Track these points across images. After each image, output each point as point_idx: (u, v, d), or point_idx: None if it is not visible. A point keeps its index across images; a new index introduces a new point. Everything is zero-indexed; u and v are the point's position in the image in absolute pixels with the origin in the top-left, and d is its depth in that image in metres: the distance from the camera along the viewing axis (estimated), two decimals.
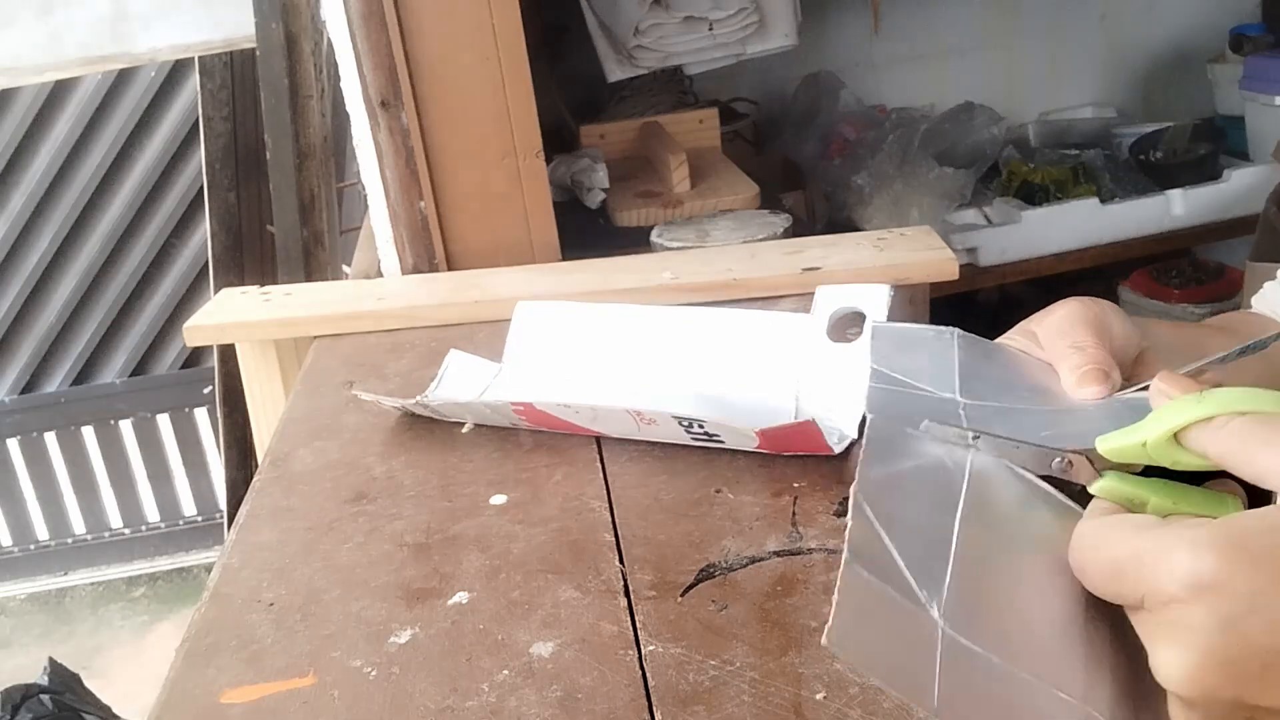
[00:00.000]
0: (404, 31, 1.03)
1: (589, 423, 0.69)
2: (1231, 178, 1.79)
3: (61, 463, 2.88)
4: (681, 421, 0.65)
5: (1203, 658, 0.34)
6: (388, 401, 0.76)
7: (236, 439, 1.76)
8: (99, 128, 2.66)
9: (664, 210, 1.32)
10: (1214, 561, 0.34)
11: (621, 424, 0.68)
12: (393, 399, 0.76)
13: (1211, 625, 0.33)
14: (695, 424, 0.65)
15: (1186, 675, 0.34)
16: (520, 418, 0.71)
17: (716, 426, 0.64)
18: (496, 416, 0.72)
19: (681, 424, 0.65)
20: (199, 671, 0.52)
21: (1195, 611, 0.34)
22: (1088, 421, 0.46)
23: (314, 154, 1.59)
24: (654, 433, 0.68)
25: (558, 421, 0.70)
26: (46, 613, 2.87)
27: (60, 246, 2.72)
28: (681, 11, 1.60)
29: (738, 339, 0.76)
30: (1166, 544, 0.35)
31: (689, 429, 0.66)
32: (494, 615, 0.54)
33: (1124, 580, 0.37)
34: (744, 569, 0.55)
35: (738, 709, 0.45)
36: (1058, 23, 2.14)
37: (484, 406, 0.72)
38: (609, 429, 0.70)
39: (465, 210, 1.09)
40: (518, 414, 0.71)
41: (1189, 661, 0.34)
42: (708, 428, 0.65)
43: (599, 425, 0.69)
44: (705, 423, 0.64)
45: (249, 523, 0.65)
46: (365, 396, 0.77)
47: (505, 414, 0.71)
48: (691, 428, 0.65)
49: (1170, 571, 0.35)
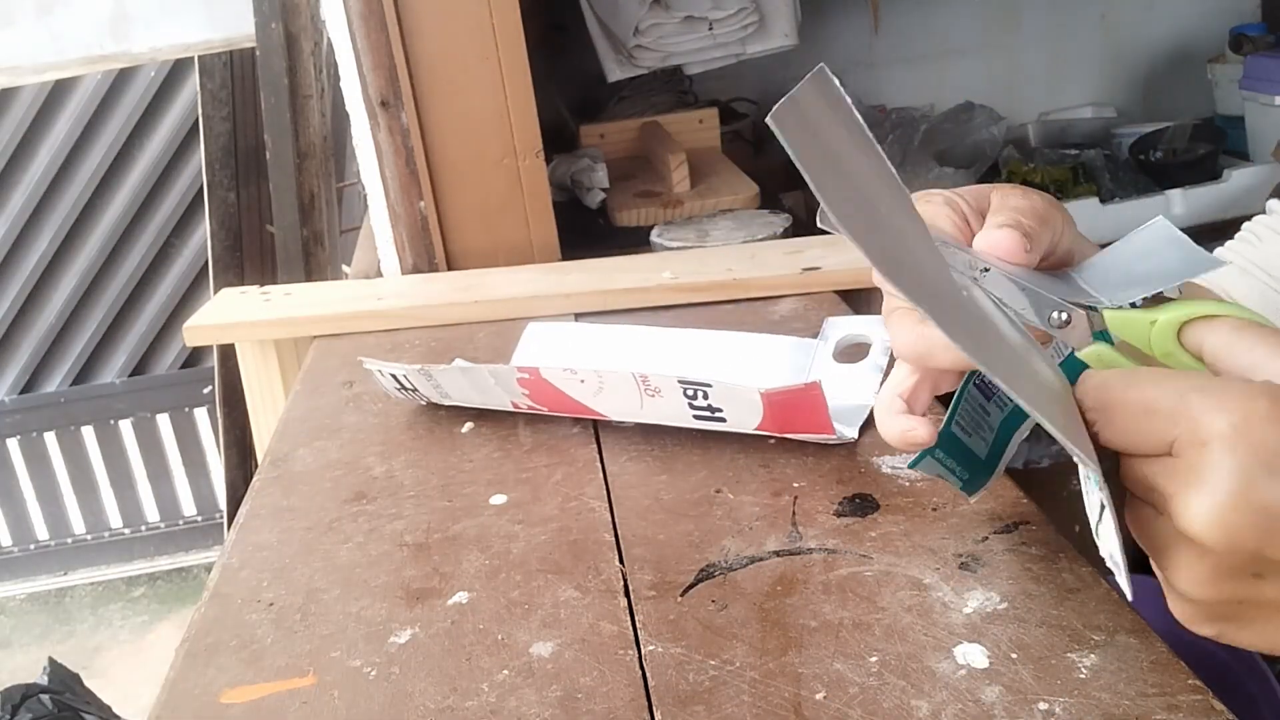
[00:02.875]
0: (404, 31, 1.03)
1: (593, 395, 0.69)
2: (1231, 177, 1.79)
3: (61, 463, 2.88)
4: (686, 391, 0.65)
5: (1237, 501, 0.33)
6: (389, 368, 0.75)
7: (236, 439, 1.76)
8: (99, 127, 2.66)
9: (664, 210, 1.32)
10: (1267, 406, 0.34)
11: (626, 397, 0.68)
12: (394, 365, 0.75)
13: (1253, 468, 0.33)
14: (700, 392, 0.65)
15: (1216, 519, 0.34)
16: (524, 391, 0.71)
17: (721, 394, 0.64)
18: (498, 390, 0.72)
19: (686, 393, 0.65)
20: (199, 671, 0.52)
21: (1238, 453, 0.33)
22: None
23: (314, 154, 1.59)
24: (657, 410, 0.67)
25: (560, 397, 0.70)
26: (46, 612, 2.87)
27: (60, 246, 2.73)
28: (681, 11, 1.60)
29: (744, 358, 0.76)
30: (1216, 385, 0.35)
31: (693, 400, 0.65)
32: (494, 615, 0.54)
33: (1156, 419, 0.36)
34: (744, 569, 0.55)
35: (737, 709, 0.45)
36: (1057, 23, 2.14)
37: (488, 374, 0.72)
38: (613, 405, 0.69)
39: (465, 210, 1.09)
40: (521, 385, 0.70)
41: (1221, 505, 0.34)
42: (711, 398, 0.65)
43: (603, 400, 0.69)
44: (710, 388, 0.64)
45: (249, 523, 0.65)
46: (370, 364, 0.76)
47: (508, 385, 0.71)
48: (696, 398, 0.65)
49: (1220, 409, 0.34)
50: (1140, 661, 0.45)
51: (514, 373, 0.70)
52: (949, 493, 0.59)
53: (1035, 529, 0.55)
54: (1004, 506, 0.58)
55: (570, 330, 0.86)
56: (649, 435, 0.70)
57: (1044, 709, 0.43)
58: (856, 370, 0.72)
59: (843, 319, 0.78)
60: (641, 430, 0.70)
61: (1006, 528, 0.56)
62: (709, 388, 0.64)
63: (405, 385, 0.76)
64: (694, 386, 0.65)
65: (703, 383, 0.64)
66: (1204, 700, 0.43)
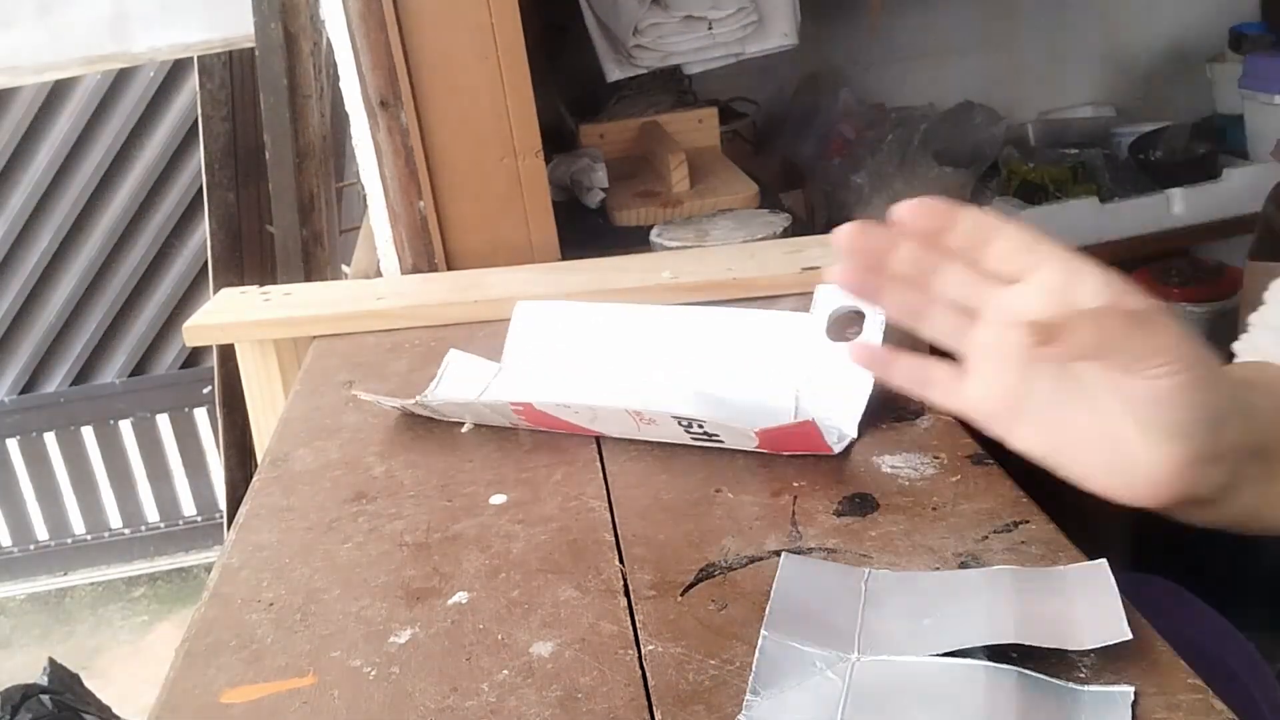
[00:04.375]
0: (403, 31, 1.03)
1: (588, 423, 0.69)
2: (1231, 176, 1.79)
3: (61, 463, 2.88)
4: (681, 422, 0.65)
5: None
6: (387, 402, 0.76)
7: (236, 439, 1.76)
8: (98, 127, 2.66)
9: (663, 210, 1.32)
10: None
11: (621, 424, 0.68)
12: (392, 399, 0.76)
13: None
14: (695, 424, 0.65)
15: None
16: (520, 418, 0.71)
17: (716, 427, 0.65)
18: (496, 416, 0.72)
19: (681, 424, 0.65)
20: (199, 671, 0.52)
21: None
22: None
23: (313, 154, 1.59)
24: (654, 432, 0.68)
25: (557, 421, 0.70)
26: (46, 613, 2.87)
27: (60, 246, 2.72)
28: (680, 11, 1.60)
29: (737, 338, 0.76)
30: None
31: (688, 429, 0.66)
32: (494, 615, 0.54)
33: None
34: (744, 568, 0.55)
35: (737, 708, 0.45)
36: (1057, 22, 2.14)
37: (483, 406, 0.72)
38: (609, 429, 0.70)
39: (465, 210, 1.09)
40: (517, 414, 0.71)
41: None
42: (707, 428, 0.65)
43: (598, 425, 0.70)
44: (705, 423, 0.64)
45: (249, 523, 0.65)
46: (365, 396, 0.77)
47: (505, 414, 0.71)
48: (691, 428, 0.65)
49: None
50: (1140, 660, 0.45)
51: (509, 407, 0.70)
52: (949, 492, 0.59)
53: (1035, 528, 0.55)
54: (1004, 505, 0.58)
55: (560, 310, 0.83)
56: None
57: None
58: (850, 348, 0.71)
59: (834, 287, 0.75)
60: None
61: (1006, 527, 0.56)
62: (704, 423, 0.64)
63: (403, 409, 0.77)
64: (689, 420, 0.65)
65: (697, 419, 0.64)
66: (1204, 699, 0.43)
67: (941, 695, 0.44)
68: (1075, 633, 0.45)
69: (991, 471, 0.61)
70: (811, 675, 0.46)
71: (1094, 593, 0.48)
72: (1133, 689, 0.43)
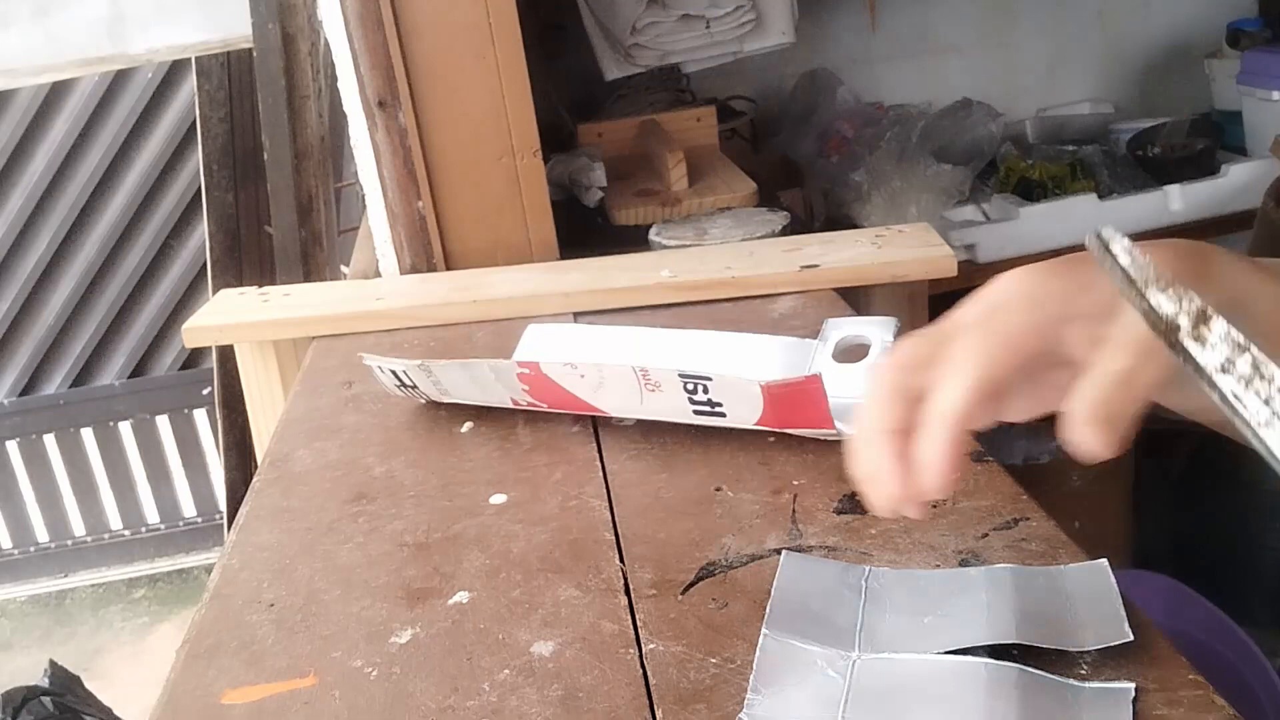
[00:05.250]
0: (401, 31, 1.03)
1: (593, 391, 0.69)
2: (1229, 173, 1.78)
3: (61, 464, 2.88)
4: (686, 385, 0.65)
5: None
6: (390, 364, 0.75)
7: (236, 440, 1.76)
8: (97, 129, 2.66)
9: (662, 208, 1.32)
10: None
11: (626, 393, 0.68)
12: (395, 360, 0.75)
13: None
14: (699, 386, 0.65)
15: None
16: (524, 388, 0.71)
17: (721, 387, 0.64)
18: (497, 386, 0.72)
19: (686, 388, 0.65)
20: (200, 672, 0.52)
21: None
22: None
23: (311, 154, 1.59)
24: (657, 406, 0.67)
25: (560, 393, 0.70)
26: (47, 614, 2.87)
27: (59, 247, 2.72)
28: (679, 9, 1.60)
29: (745, 359, 0.76)
30: None
31: (692, 395, 0.65)
32: (494, 614, 0.54)
33: None
34: (744, 566, 0.55)
35: (738, 707, 0.45)
36: (1055, 19, 2.14)
37: (488, 369, 0.72)
38: (613, 402, 0.69)
39: (463, 210, 1.09)
40: (522, 379, 0.70)
41: None
42: (712, 393, 0.65)
43: (603, 396, 0.69)
44: (710, 381, 0.64)
45: (249, 523, 0.65)
46: (369, 360, 0.76)
47: (508, 380, 0.71)
48: (696, 392, 0.65)
49: None
50: (1141, 656, 0.45)
51: (514, 368, 0.70)
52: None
53: (1034, 525, 0.55)
54: (1003, 503, 0.58)
55: (570, 331, 0.86)
56: (649, 433, 0.70)
57: None
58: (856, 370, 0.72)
59: (843, 320, 0.77)
60: (641, 428, 0.70)
61: (1006, 524, 0.56)
62: (709, 381, 0.64)
63: (405, 382, 0.76)
64: (694, 380, 0.65)
65: (702, 376, 0.64)
66: (1204, 695, 0.43)
67: (942, 693, 0.44)
68: (1077, 633, 0.46)
69: (991, 468, 0.61)
70: (812, 673, 0.46)
71: (1095, 593, 0.48)
72: (1133, 685, 0.43)
